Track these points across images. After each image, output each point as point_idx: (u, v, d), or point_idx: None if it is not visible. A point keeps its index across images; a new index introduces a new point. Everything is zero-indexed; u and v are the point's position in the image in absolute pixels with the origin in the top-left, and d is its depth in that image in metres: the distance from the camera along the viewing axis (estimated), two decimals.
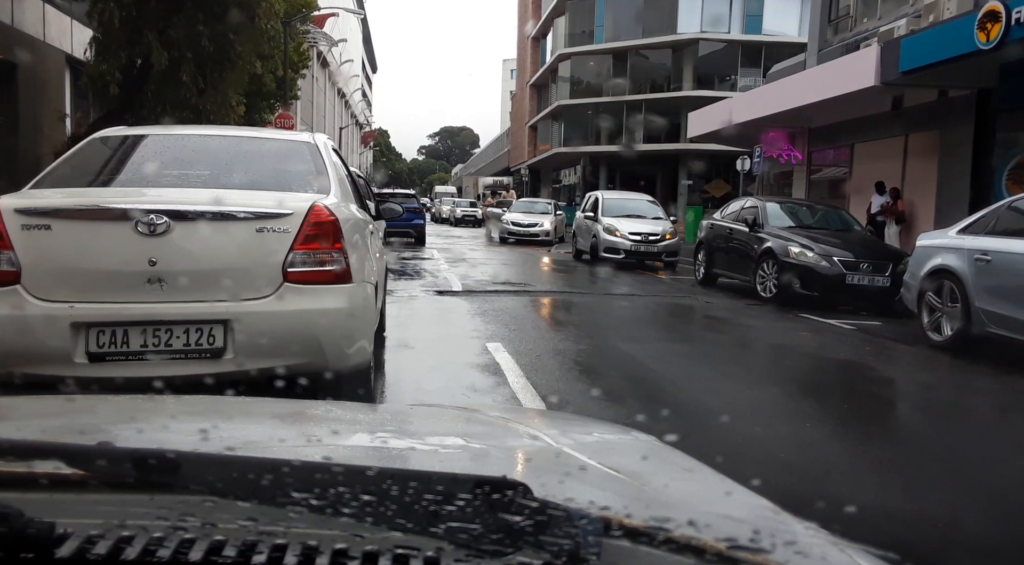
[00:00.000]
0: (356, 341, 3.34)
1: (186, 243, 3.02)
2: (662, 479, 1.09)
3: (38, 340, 2.94)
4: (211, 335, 3.02)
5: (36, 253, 2.95)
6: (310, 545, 0.67)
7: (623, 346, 6.33)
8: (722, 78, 38.43)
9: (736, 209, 11.41)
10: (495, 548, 0.65)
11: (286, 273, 3.10)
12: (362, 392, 3.41)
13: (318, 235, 3.15)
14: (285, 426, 1.25)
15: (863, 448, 3.91)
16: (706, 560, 0.68)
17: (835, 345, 7.07)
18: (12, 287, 2.92)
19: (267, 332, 3.06)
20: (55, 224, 2.98)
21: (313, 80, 45.81)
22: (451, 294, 9.48)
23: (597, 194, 16.96)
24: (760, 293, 9.69)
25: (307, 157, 3.82)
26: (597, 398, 4.45)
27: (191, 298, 3.01)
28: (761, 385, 5.28)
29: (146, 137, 4.03)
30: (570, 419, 2.07)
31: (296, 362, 3.09)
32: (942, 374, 6.24)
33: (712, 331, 8.07)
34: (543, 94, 50.42)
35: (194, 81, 11.59)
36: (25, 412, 1.24)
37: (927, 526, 2.82)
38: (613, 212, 15.62)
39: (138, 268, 2.96)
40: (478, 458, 1.13)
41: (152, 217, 2.95)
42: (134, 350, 2.97)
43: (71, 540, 0.66)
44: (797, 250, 9.26)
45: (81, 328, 2.93)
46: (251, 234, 3.10)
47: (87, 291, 2.98)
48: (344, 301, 3.22)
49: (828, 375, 5.95)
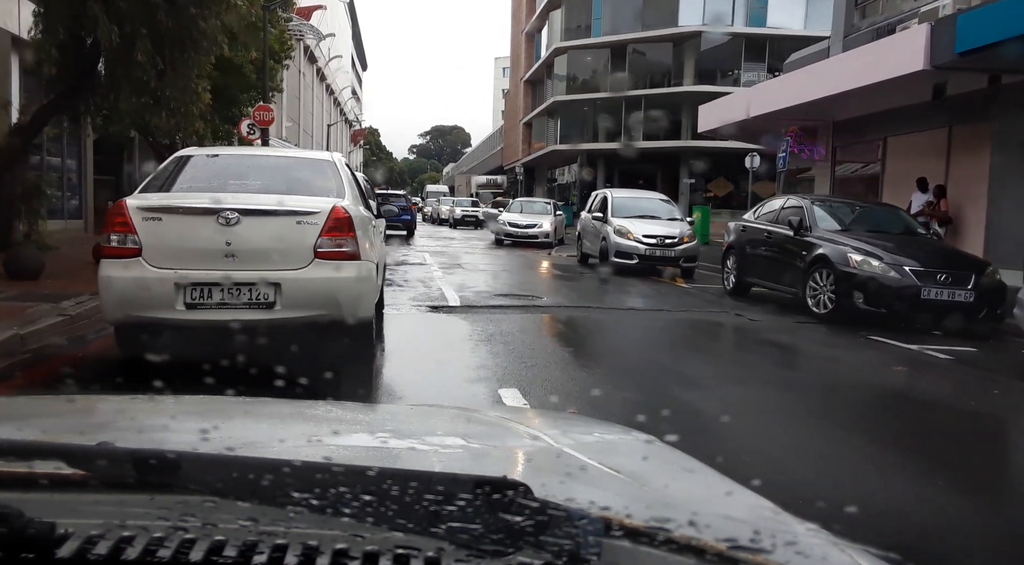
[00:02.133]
0: (363, 301, 4.64)
1: (250, 231, 4.30)
2: (662, 479, 1.08)
3: (153, 294, 4.28)
4: (266, 293, 4.29)
5: (151, 236, 4.30)
6: (310, 545, 0.67)
7: (681, 394, 4.78)
8: (725, 73, 37.02)
9: (774, 209, 9.93)
10: (496, 548, 0.65)
11: (316, 252, 4.37)
12: (365, 343, 4.85)
13: (337, 227, 4.40)
14: (285, 426, 1.26)
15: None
16: (706, 560, 0.67)
17: (952, 387, 5.56)
18: (136, 259, 4.29)
19: (303, 292, 4.34)
20: (164, 216, 4.38)
21: (300, 75, 44.24)
22: (447, 310, 7.99)
23: (605, 192, 15.45)
24: (812, 308, 8.21)
25: (327, 170, 5.13)
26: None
27: (253, 267, 4.29)
28: (916, 469, 3.71)
29: (212, 156, 5.58)
30: (570, 419, 2.04)
31: (322, 313, 4.40)
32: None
33: (783, 366, 6.45)
34: (538, 90, 48.91)
35: (151, 61, 9.99)
36: (25, 412, 1.29)
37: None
38: (624, 212, 14.13)
39: (218, 247, 4.26)
40: (478, 458, 1.15)
41: (228, 213, 4.26)
42: (215, 301, 4.28)
43: (71, 540, 0.67)
44: (859, 258, 7.80)
45: (181, 286, 4.26)
46: (292, 225, 4.38)
47: (184, 262, 4.30)
48: (355, 272, 4.50)
49: (990, 443, 4.39)
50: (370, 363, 5.01)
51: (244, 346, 2.45)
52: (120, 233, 4.30)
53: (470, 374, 5.06)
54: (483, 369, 5.18)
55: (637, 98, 38.00)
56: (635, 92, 38.03)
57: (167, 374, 1.21)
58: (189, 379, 1.23)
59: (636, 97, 37.98)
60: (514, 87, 55.99)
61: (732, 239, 10.60)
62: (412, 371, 5.15)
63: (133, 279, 4.26)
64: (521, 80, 51.35)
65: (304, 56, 44.68)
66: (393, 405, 3.49)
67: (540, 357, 5.63)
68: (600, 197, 15.41)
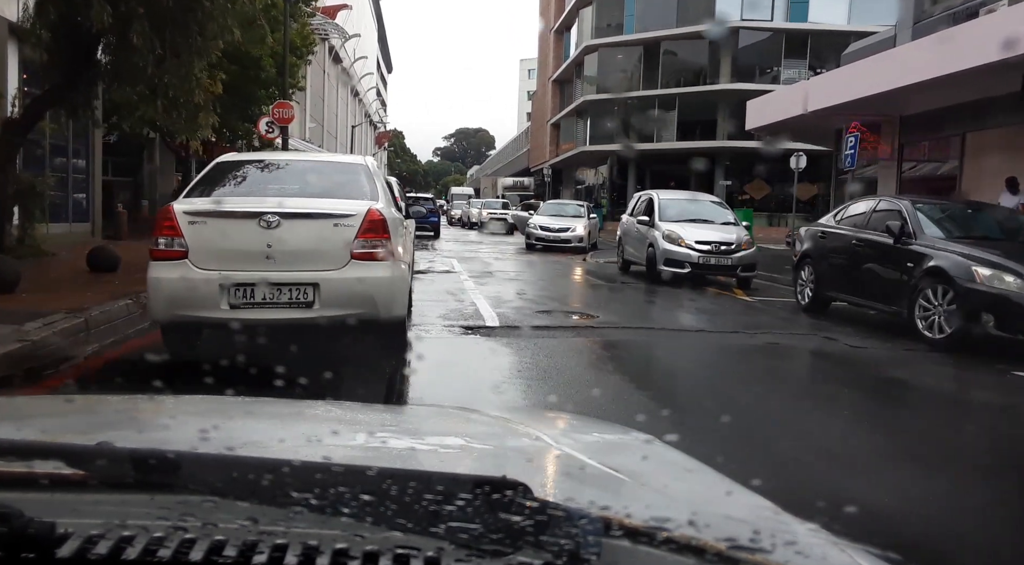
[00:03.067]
0: (396, 299, 4.97)
1: (290, 233, 4.64)
2: (662, 479, 1.08)
3: (199, 294, 4.59)
4: (305, 292, 4.63)
5: (197, 239, 4.63)
6: (310, 545, 0.66)
7: (850, 485, 3.45)
8: (764, 70, 35.46)
9: (862, 212, 8.54)
10: (495, 548, 0.64)
11: (352, 253, 4.72)
12: (399, 340, 5.30)
13: (372, 228, 4.75)
14: (285, 426, 1.23)
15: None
16: (706, 560, 0.67)
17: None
18: (183, 260, 4.61)
19: (341, 291, 4.68)
20: (209, 220, 4.69)
21: (324, 75, 43.36)
22: (485, 333, 6.73)
23: (651, 194, 14.08)
24: (923, 332, 6.82)
25: (361, 174, 5.45)
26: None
27: (293, 268, 4.64)
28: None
29: (251, 161, 5.94)
30: (570, 419, 1.97)
31: (359, 311, 4.71)
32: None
33: (940, 421, 4.86)
34: (566, 90, 47.61)
35: (149, 45, 8.85)
36: (25, 412, 1.27)
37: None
38: (673, 216, 12.78)
39: (260, 249, 4.59)
40: (478, 458, 1.14)
41: (269, 216, 4.59)
42: (258, 301, 4.60)
43: (71, 540, 0.66)
44: (987, 272, 6.41)
45: (225, 287, 4.58)
46: (330, 227, 4.74)
47: (228, 263, 4.62)
48: (389, 272, 4.83)
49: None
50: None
51: (283, 345, 2.54)
52: (168, 236, 4.62)
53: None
54: None
55: (670, 97, 36.56)
56: (668, 90, 36.60)
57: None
58: (187, 383, 1.24)
59: (669, 96, 36.55)
60: (541, 87, 54.73)
61: (808, 247, 9.21)
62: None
63: (180, 280, 4.58)
64: (549, 80, 50.09)
65: (329, 56, 43.78)
66: (393, 405, 3.24)
67: (616, 406, 4.31)
68: (644, 199, 14.05)
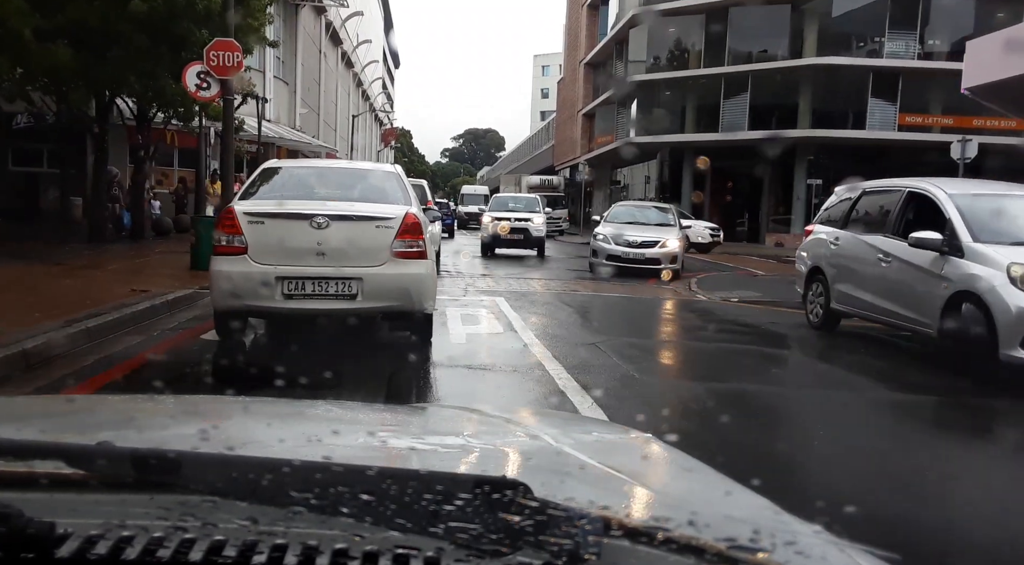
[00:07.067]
0: (429, 293, 5.82)
1: (338, 233, 5.43)
2: (662, 479, 1.08)
3: (257, 286, 5.37)
4: (350, 285, 5.44)
5: (255, 237, 5.41)
6: (310, 545, 0.66)
7: None
8: (861, 41, 28.67)
9: None
10: (495, 548, 0.64)
11: (392, 252, 5.50)
12: (428, 331, 6.02)
13: (409, 230, 5.55)
14: (285, 426, 1.23)
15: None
16: (706, 560, 0.67)
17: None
18: (243, 256, 5.39)
19: (381, 285, 5.48)
20: (266, 220, 5.51)
21: (321, 56, 36.65)
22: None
23: (931, 189, 7.31)
24: None
25: (393, 180, 6.38)
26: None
27: (340, 264, 5.42)
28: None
29: (295, 167, 7.41)
30: (570, 419, 1.98)
31: (396, 304, 5.58)
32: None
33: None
34: (601, 74, 40.88)
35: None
36: (25, 412, 1.26)
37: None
38: (993, 233, 6.03)
39: (311, 247, 5.38)
40: (478, 458, 1.14)
41: (319, 218, 5.39)
42: (308, 293, 5.40)
43: (71, 540, 0.66)
44: None
45: (280, 279, 5.37)
46: (372, 228, 5.55)
47: (282, 259, 5.41)
48: (424, 269, 5.66)
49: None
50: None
51: (327, 334, 3.35)
52: (229, 234, 5.42)
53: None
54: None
55: (740, 75, 29.73)
56: (737, 67, 29.81)
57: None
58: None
59: (740, 74, 29.73)
60: (570, 73, 47.95)
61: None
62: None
63: (240, 273, 5.38)
64: (581, 63, 43.31)
65: (326, 34, 37.17)
66: (393, 405, 3.17)
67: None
68: (902, 198, 7.23)
